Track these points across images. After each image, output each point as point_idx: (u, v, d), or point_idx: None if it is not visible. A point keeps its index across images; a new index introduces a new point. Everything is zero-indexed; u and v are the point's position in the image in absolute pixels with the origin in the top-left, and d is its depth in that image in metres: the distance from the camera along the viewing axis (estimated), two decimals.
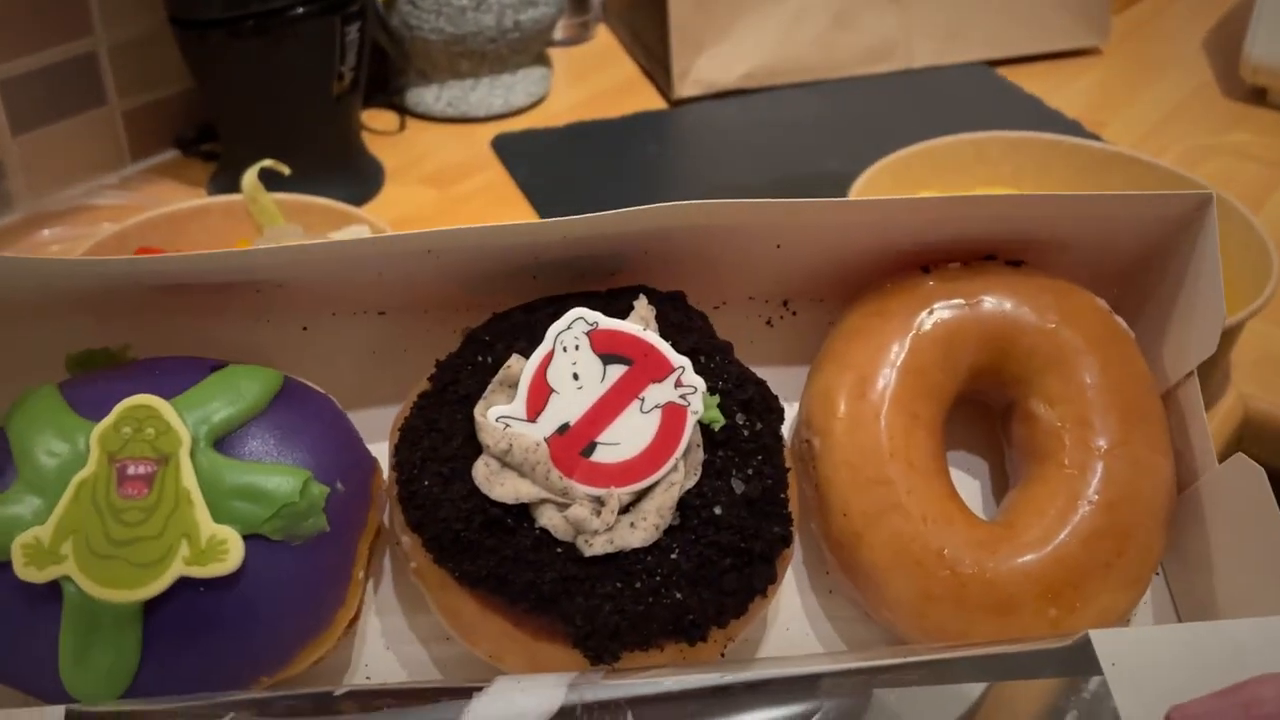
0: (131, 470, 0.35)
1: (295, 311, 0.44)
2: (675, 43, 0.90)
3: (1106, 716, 0.32)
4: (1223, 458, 0.39)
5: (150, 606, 0.34)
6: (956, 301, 0.42)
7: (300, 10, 0.68)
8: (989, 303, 0.42)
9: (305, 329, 0.44)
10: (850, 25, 0.95)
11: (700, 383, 0.38)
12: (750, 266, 0.44)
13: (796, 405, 0.43)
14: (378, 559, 0.42)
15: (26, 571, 0.34)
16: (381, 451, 0.41)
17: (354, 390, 0.43)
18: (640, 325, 0.38)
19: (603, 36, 1.04)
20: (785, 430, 0.41)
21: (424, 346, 0.42)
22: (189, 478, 0.35)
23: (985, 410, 0.45)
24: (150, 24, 0.73)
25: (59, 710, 0.31)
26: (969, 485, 0.45)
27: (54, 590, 0.34)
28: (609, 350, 0.38)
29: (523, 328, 0.39)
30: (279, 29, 0.69)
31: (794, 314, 0.46)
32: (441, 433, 0.38)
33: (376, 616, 0.41)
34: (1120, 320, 0.42)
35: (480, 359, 0.39)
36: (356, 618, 0.39)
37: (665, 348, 0.38)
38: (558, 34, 1.01)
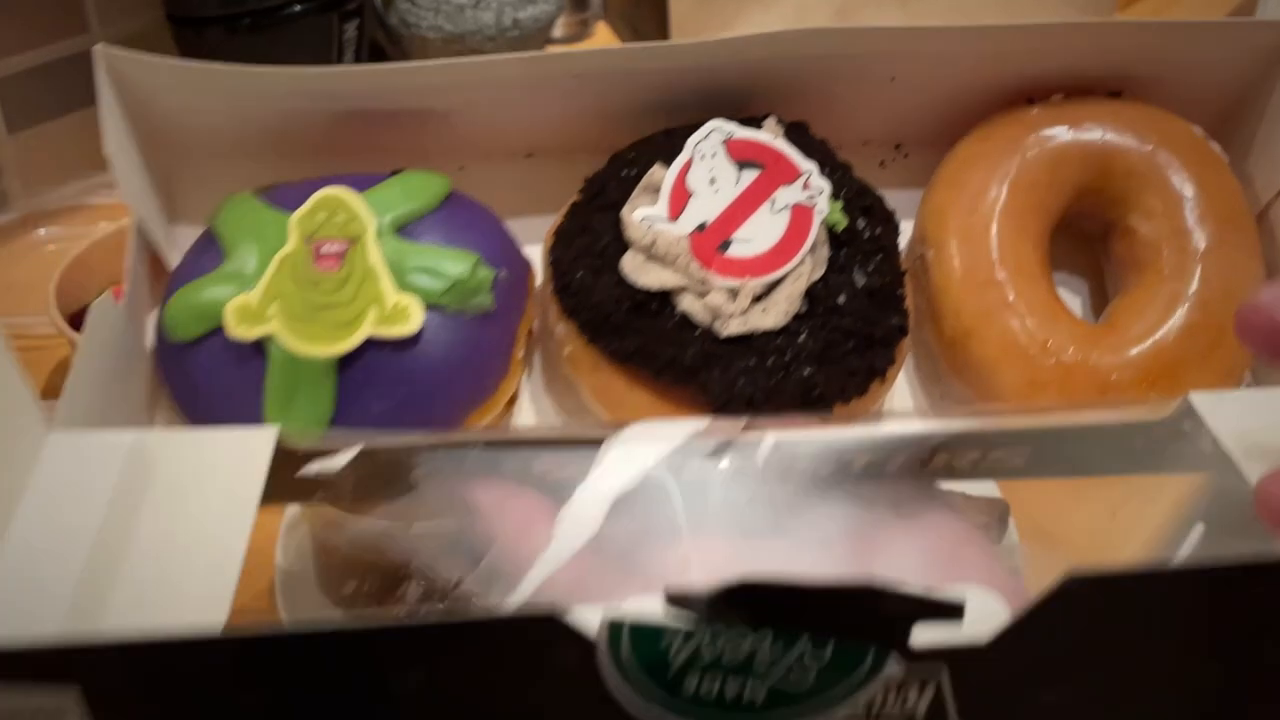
0: (325, 249, 0.40)
1: (453, 152, 0.49)
2: (676, 40, 0.92)
3: (1206, 443, 0.35)
4: None
5: (343, 364, 0.39)
6: (1061, 128, 0.45)
7: (297, 8, 0.68)
8: (1091, 128, 0.45)
9: (462, 168, 0.49)
10: (852, 22, 0.96)
11: (827, 185, 0.42)
12: (865, 105, 0.47)
13: (909, 231, 0.47)
14: (530, 356, 0.46)
15: (239, 330, 0.39)
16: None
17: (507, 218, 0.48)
18: (770, 136, 0.42)
19: (603, 34, 1.04)
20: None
21: (570, 185, 0.46)
22: (375, 256, 0.40)
23: (1085, 240, 0.48)
24: (146, 21, 0.71)
25: (272, 431, 0.35)
26: (1070, 303, 0.48)
27: (259, 351, 0.39)
28: (743, 157, 0.42)
29: (663, 146, 0.44)
30: (276, 26, 0.68)
31: (905, 156, 0.50)
32: (592, 233, 0.42)
33: (530, 406, 0.45)
34: (1215, 144, 0.45)
35: (625, 173, 0.43)
36: (515, 397, 0.43)
37: (794, 153, 0.42)
38: (557, 32, 1.00)
